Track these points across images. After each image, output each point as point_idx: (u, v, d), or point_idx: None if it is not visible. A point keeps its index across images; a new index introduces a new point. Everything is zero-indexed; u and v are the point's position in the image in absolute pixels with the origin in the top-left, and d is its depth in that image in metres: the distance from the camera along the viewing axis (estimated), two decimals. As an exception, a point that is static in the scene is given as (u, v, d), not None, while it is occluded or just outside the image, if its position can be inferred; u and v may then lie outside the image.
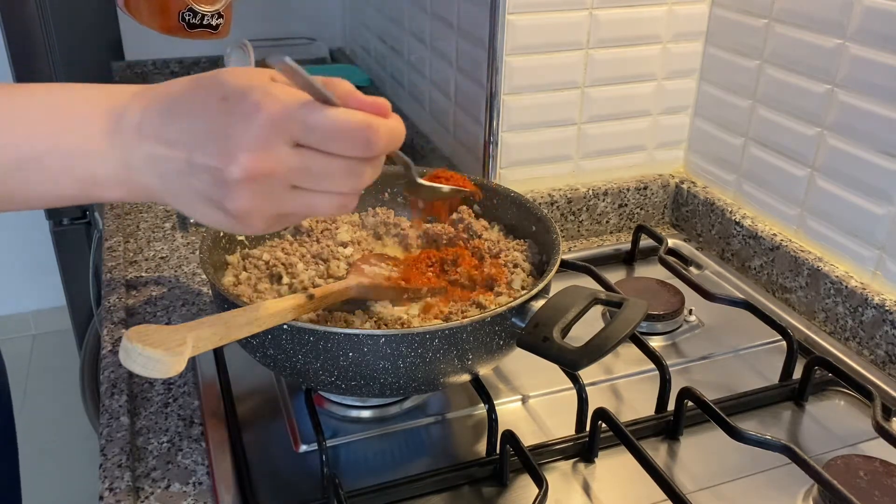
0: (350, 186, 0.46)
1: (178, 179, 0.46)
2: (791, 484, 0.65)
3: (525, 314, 0.62)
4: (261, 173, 0.44)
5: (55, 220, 1.77)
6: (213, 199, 0.45)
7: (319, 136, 0.44)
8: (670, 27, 0.98)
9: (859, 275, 0.83)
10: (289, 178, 0.45)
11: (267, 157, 0.43)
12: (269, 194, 0.45)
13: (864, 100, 0.80)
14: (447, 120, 1.12)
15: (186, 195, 0.47)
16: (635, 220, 1.07)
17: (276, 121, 0.43)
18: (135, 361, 0.48)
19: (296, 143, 0.44)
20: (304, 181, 0.45)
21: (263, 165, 0.43)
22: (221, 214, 0.46)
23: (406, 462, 0.67)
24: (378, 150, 0.45)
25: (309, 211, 0.47)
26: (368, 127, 0.44)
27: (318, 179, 0.45)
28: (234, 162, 0.43)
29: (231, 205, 0.45)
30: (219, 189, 0.45)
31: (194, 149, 0.45)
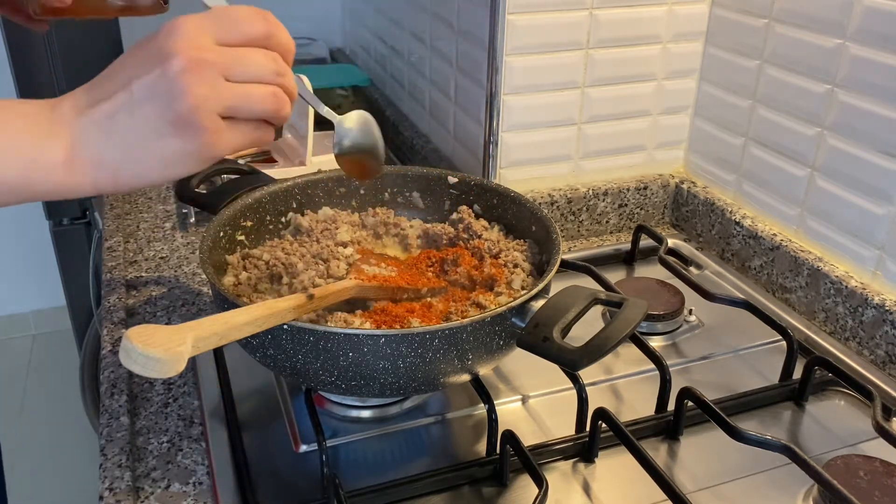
0: (272, 69, 0.52)
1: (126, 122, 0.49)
2: (791, 484, 0.65)
3: (525, 314, 0.62)
4: (198, 60, 0.48)
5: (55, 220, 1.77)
6: (163, 115, 0.49)
7: (232, 23, 0.50)
8: (670, 27, 0.98)
9: (859, 275, 0.83)
10: (222, 67, 0.50)
11: (198, 47, 0.49)
12: (210, 84, 0.49)
13: (864, 100, 0.80)
14: (447, 120, 1.12)
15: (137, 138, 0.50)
16: (635, 220, 1.07)
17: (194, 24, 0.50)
18: (135, 361, 0.48)
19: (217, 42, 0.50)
20: (234, 70, 0.50)
21: (198, 54, 0.49)
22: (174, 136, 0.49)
23: (406, 462, 0.67)
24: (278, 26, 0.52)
25: (247, 99, 0.51)
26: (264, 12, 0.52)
27: (245, 66, 0.51)
28: (171, 58, 0.48)
29: (181, 103, 0.48)
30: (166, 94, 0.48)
31: (131, 80, 0.49)
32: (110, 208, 1.08)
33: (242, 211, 0.77)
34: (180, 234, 1.01)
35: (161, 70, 0.48)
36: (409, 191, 0.86)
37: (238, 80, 0.51)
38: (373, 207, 0.84)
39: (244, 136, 0.53)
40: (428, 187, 0.85)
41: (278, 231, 0.81)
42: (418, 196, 0.86)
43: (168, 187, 1.15)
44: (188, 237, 1.01)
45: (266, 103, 0.52)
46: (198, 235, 1.01)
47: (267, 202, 0.80)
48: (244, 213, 0.78)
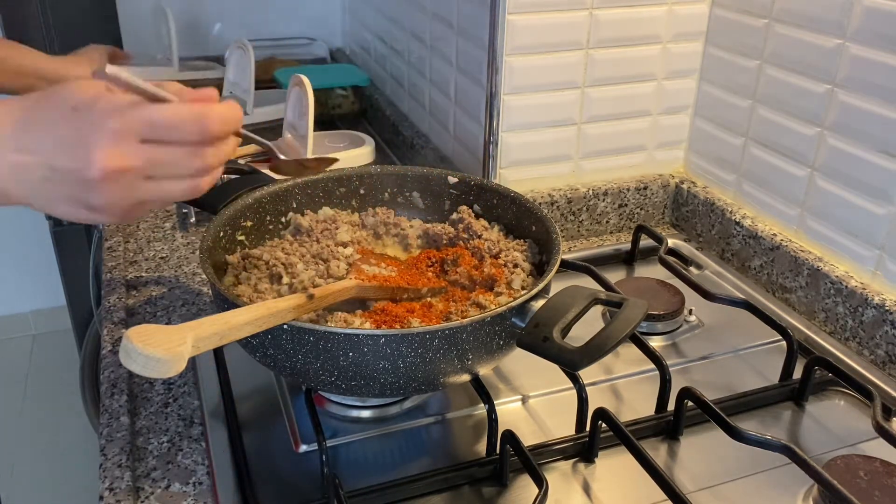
0: (196, 168, 0.53)
1: (41, 184, 0.51)
2: (791, 484, 0.65)
3: (525, 314, 0.62)
4: (117, 170, 0.50)
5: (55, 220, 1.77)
6: (76, 198, 0.51)
7: (161, 129, 0.51)
8: (670, 27, 0.98)
9: (859, 275, 0.83)
10: (142, 170, 0.51)
11: (120, 156, 0.50)
12: (126, 188, 0.51)
13: (864, 100, 0.80)
14: (447, 120, 1.12)
15: (48, 197, 0.52)
16: (635, 220, 1.07)
17: (122, 124, 0.50)
18: (135, 361, 0.48)
19: (142, 140, 0.51)
20: (155, 171, 0.52)
21: (118, 163, 0.50)
22: (84, 211, 0.52)
23: (406, 462, 0.67)
24: (213, 132, 0.52)
25: (164, 196, 0.53)
26: (201, 115, 0.52)
27: (166, 167, 0.52)
28: (92, 165, 0.49)
29: (94, 201, 0.51)
30: (81, 189, 0.51)
31: (54, 156, 0.50)
32: (110, 208, 1.08)
33: (242, 211, 0.77)
34: (180, 234, 1.01)
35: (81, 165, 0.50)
36: (409, 191, 0.86)
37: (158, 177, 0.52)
38: (373, 207, 0.84)
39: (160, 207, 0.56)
40: (428, 187, 0.85)
41: (278, 231, 0.81)
42: (418, 196, 0.86)
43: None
44: (188, 237, 1.01)
45: (182, 196, 0.54)
46: (198, 235, 1.01)
47: (267, 202, 0.80)
48: (244, 213, 0.78)
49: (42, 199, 0.53)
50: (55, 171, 0.51)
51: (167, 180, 0.53)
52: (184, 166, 0.53)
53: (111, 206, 0.52)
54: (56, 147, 0.50)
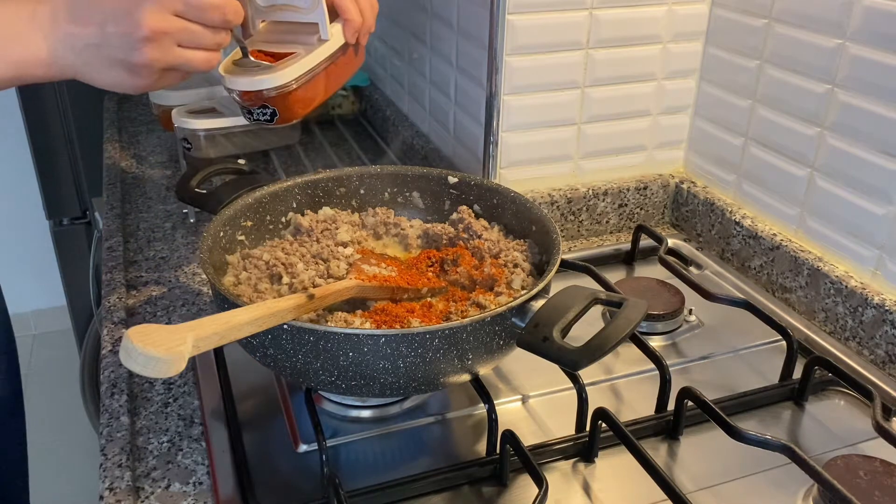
0: (214, 43, 0.68)
1: (92, 50, 0.65)
2: (791, 484, 0.65)
3: (525, 314, 0.62)
4: (160, 31, 0.64)
5: (55, 220, 1.77)
6: (121, 60, 0.65)
7: (193, 9, 0.65)
8: (670, 27, 0.98)
9: (859, 275, 0.83)
10: (176, 36, 0.65)
11: (163, 21, 0.64)
12: (163, 49, 0.65)
13: (864, 100, 0.80)
14: (447, 120, 1.12)
15: (95, 63, 0.65)
16: (635, 220, 1.07)
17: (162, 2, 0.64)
18: (135, 361, 0.48)
19: (177, 14, 0.65)
20: (185, 40, 0.66)
21: (161, 26, 0.64)
22: (124, 72, 0.66)
23: (406, 462, 0.67)
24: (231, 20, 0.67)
25: (188, 63, 0.67)
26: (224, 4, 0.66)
27: (194, 38, 0.66)
28: (141, 26, 0.63)
29: (137, 58, 0.64)
30: (128, 48, 0.64)
31: (106, 23, 0.64)
32: (110, 208, 1.08)
33: (242, 211, 0.77)
34: (180, 234, 1.01)
35: (130, 29, 0.63)
36: (409, 191, 0.86)
37: (186, 46, 0.66)
38: (373, 207, 0.84)
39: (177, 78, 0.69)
40: (428, 187, 0.85)
41: (278, 231, 0.81)
42: (418, 196, 0.86)
43: (168, 187, 1.15)
44: (188, 237, 1.01)
45: (201, 66, 0.68)
46: (198, 235, 1.01)
47: (267, 202, 0.80)
48: (244, 213, 0.78)
49: (89, 65, 0.65)
50: (106, 35, 0.64)
51: (191, 50, 0.67)
52: (207, 39, 0.67)
53: (149, 65, 0.65)
54: (107, 16, 0.63)
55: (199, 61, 0.67)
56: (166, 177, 1.18)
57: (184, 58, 0.66)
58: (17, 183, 2.24)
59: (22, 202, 2.28)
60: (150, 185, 1.15)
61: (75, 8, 0.64)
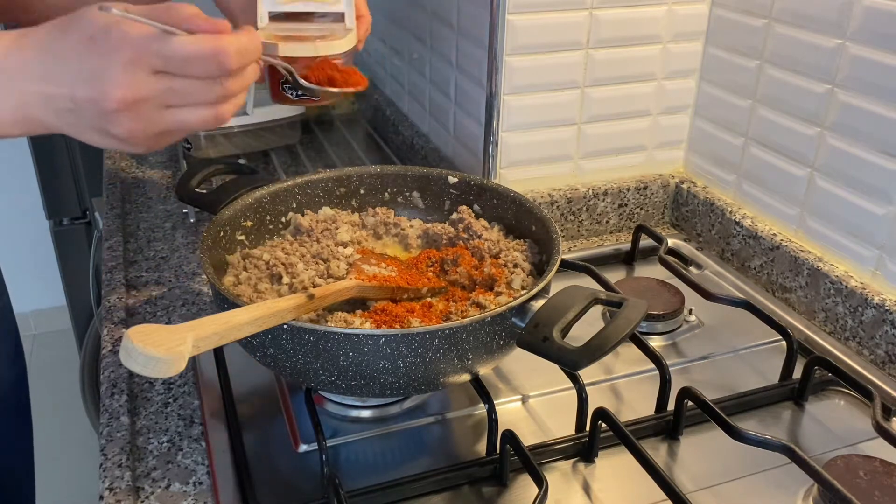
0: (216, 96, 0.53)
1: (69, 115, 0.53)
2: (791, 484, 0.65)
3: (525, 314, 0.62)
4: (132, 100, 0.51)
5: (55, 220, 1.77)
6: (100, 128, 0.53)
7: (176, 63, 0.51)
8: (670, 27, 0.98)
9: (859, 275, 0.83)
10: (158, 100, 0.52)
11: (134, 87, 0.51)
12: (144, 117, 0.52)
13: (864, 100, 0.80)
14: (447, 120, 1.12)
15: (78, 126, 0.54)
16: (635, 220, 1.07)
17: (134, 55, 0.50)
18: (135, 361, 0.48)
19: (157, 71, 0.51)
20: (172, 100, 0.53)
21: (132, 94, 0.51)
22: (112, 140, 0.54)
23: (406, 462, 0.67)
24: (231, 67, 0.52)
25: (184, 125, 0.54)
26: (217, 51, 0.51)
27: (183, 97, 0.53)
28: (108, 95, 0.51)
29: (115, 130, 0.52)
30: (102, 118, 0.52)
31: (74, 86, 0.51)
32: (110, 208, 1.08)
33: (242, 211, 0.77)
34: (180, 234, 1.01)
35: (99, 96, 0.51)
36: (409, 191, 0.86)
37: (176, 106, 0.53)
38: (373, 207, 0.84)
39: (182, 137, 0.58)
40: (428, 187, 0.85)
41: (278, 231, 0.81)
42: (418, 196, 0.86)
43: (168, 187, 1.15)
44: (188, 237, 1.01)
45: (204, 125, 0.55)
46: (198, 235, 1.01)
47: (267, 202, 0.80)
48: (244, 213, 0.78)
49: (72, 127, 0.54)
50: (77, 101, 0.52)
51: (186, 108, 0.53)
52: (202, 95, 0.53)
53: (133, 136, 0.53)
54: (76, 78, 0.51)
55: (197, 121, 0.54)
56: (166, 177, 1.18)
57: (177, 120, 0.54)
58: (17, 183, 2.24)
59: (22, 202, 2.28)
60: (150, 185, 1.15)
61: (46, 60, 0.52)
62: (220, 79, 0.53)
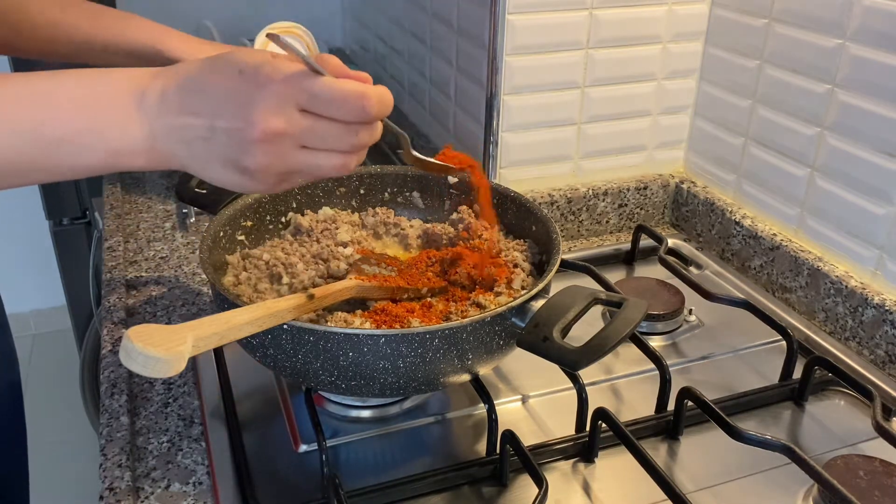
0: (349, 145, 0.53)
1: (200, 144, 0.52)
2: (791, 484, 0.65)
3: (525, 314, 0.62)
4: (276, 133, 0.51)
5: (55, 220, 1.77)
6: (232, 159, 0.52)
7: (322, 102, 0.51)
8: (670, 27, 0.98)
9: (859, 275, 0.83)
10: (298, 138, 0.52)
11: (280, 119, 0.51)
12: (281, 153, 0.52)
13: (864, 100, 0.80)
14: (447, 120, 1.12)
15: (206, 157, 0.53)
16: (635, 220, 1.07)
17: (286, 90, 0.51)
18: (135, 361, 0.48)
19: (302, 109, 0.51)
20: (310, 141, 0.52)
21: (278, 126, 0.51)
22: (237, 174, 0.53)
23: (406, 462, 0.67)
24: (372, 113, 0.52)
25: (314, 168, 0.54)
26: (362, 95, 0.51)
27: (322, 139, 0.52)
28: (253, 124, 0.50)
29: (248, 162, 0.52)
30: (238, 149, 0.51)
31: (216, 116, 0.51)
32: (110, 208, 1.08)
33: (242, 211, 0.77)
34: (180, 234, 1.01)
35: (242, 126, 0.51)
36: (409, 191, 0.86)
37: (312, 147, 0.53)
38: (373, 207, 0.84)
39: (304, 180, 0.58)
40: (428, 187, 0.85)
41: (278, 231, 0.81)
42: (418, 196, 0.86)
43: (168, 187, 1.15)
44: (188, 237, 1.01)
45: (332, 172, 0.54)
46: (198, 235, 1.01)
47: (267, 202, 0.80)
48: (244, 213, 0.78)
49: (199, 159, 0.53)
50: (215, 130, 0.51)
51: (321, 152, 0.53)
52: (338, 140, 0.53)
53: (264, 170, 0.52)
54: (219, 107, 0.51)
55: (329, 167, 0.54)
56: (166, 177, 1.18)
57: (309, 162, 0.53)
58: (17, 183, 2.24)
59: (22, 202, 2.28)
60: (150, 185, 1.15)
61: (187, 93, 0.52)
62: (357, 127, 0.53)
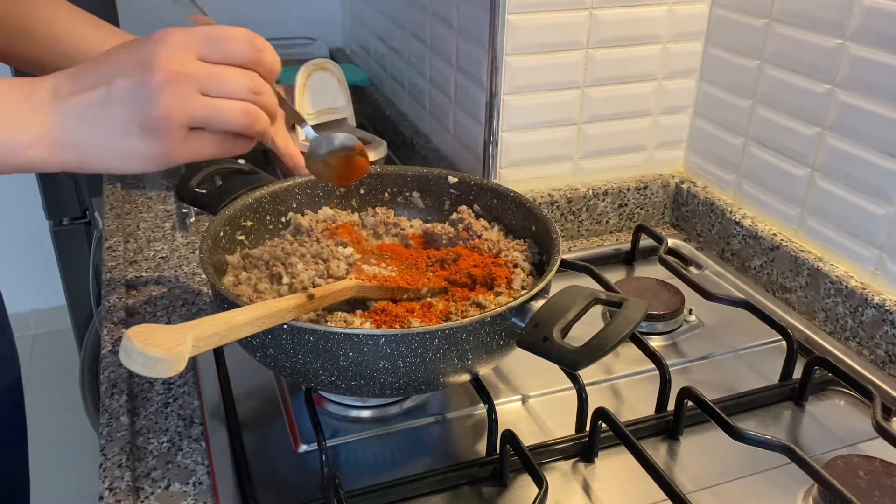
0: (248, 89, 0.55)
1: (99, 113, 0.53)
2: (791, 484, 0.65)
3: (525, 314, 0.62)
4: (176, 74, 0.52)
5: (55, 220, 1.77)
6: (135, 117, 0.52)
7: (216, 43, 0.54)
8: (670, 27, 0.98)
9: (859, 275, 0.83)
10: (198, 83, 0.53)
11: (180, 62, 0.52)
12: (183, 97, 0.52)
13: (864, 100, 0.80)
14: (447, 120, 1.12)
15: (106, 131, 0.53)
16: (635, 220, 1.07)
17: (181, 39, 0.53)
18: (135, 361, 0.48)
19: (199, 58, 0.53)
20: (210, 86, 0.54)
21: (178, 69, 0.52)
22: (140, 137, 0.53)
23: (406, 462, 0.67)
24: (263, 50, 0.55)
25: (217, 113, 0.54)
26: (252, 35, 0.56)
27: (221, 84, 0.54)
28: (153, 70, 0.52)
29: (152, 111, 0.52)
30: (141, 101, 0.52)
31: (112, 78, 0.53)
32: (110, 208, 1.08)
33: (242, 211, 0.77)
34: (180, 234, 1.01)
35: (142, 77, 0.52)
36: (409, 191, 0.86)
37: (213, 94, 0.54)
38: (373, 207, 0.84)
39: (211, 146, 0.56)
40: (428, 187, 0.85)
41: (278, 231, 0.81)
42: (418, 196, 0.86)
43: (168, 187, 1.15)
44: (188, 237, 1.01)
45: (236, 118, 0.55)
46: (198, 235, 1.01)
47: (267, 202, 0.80)
48: (244, 213, 0.78)
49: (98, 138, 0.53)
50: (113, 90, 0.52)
51: (220, 99, 0.54)
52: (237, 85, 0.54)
53: (167, 119, 0.52)
54: (115, 70, 0.53)
55: (234, 113, 0.54)
56: (166, 177, 1.18)
57: (212, 107, 0.54)
58: (17, 183, 2.23)
59: (22, 202, 2.28)
60: (150, 185, 1.15)
61: (79, 75, 0.54)
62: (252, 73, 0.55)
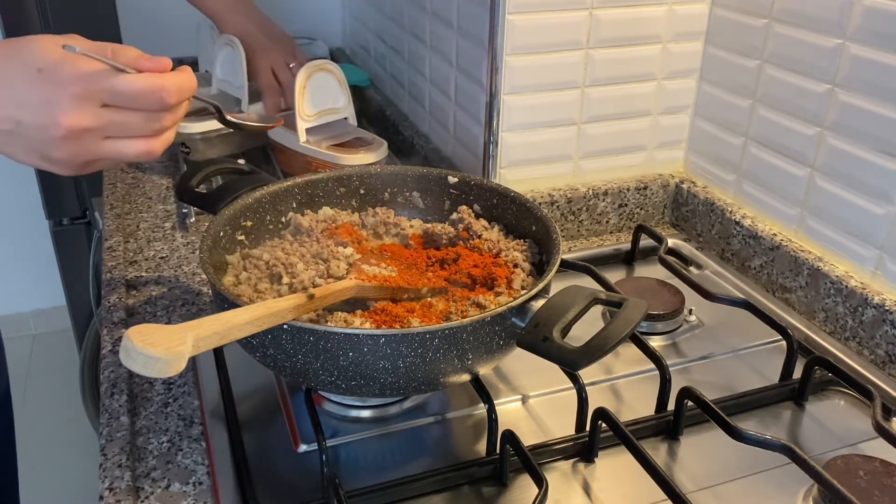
0: (152, 130, 0.59)
1: (6, 135, 0.57)
2: (791, 484, 0.65)
3: (525, 314, 0.62)
4: (78, 130, 0.56)
5: (55, 220, 1.77)
6: (38, 151, 0.58)
7: (122, 98, 0.57)
8: (670, 27, 0.98)
9: (859, 275, 0.83)
10: (102, 131, 0.57)
11: (83, 116, 0.56)
12: (85, 146, 0.57)
13: (864, 100, 0.80)
14: (447, 120, 1.12)
15: (13, 148, 0.58)
16: (635, 220, 1.07)
17: (87, 89, 0.56)
18: (135, 361, 0.48)
19: (103, 104, 0.57)
20: (113, 132, 0.58)
21: (80, 124, 0.56)
22: (42, 162, 0.59)
23: (406, 462, 0.67)
24: (171, 102, 0.58)
25: (118, 155, 0.59)
26: (160, 87, 0.57)
27: (124, 129, 0.58)
28: (58, 124, 0.55)
29: (55, 154, 0.57)
30: (44, 144, 0.57)
31: (20, 109, 0.56)
32: (110, 208, 1.08)
33: (242, 211, 0.77)
34: (180, 234, 1.01)
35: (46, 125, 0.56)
36: (409, 191, 0.86)
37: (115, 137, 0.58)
38: (373, 207, 0.84)
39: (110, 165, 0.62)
40: (428, 187, 0.85)
41: (278, 231, 0.81)
42: (418, 196, 0.86)
43: (168, 187, 1.15)
44: (188, 237, 1.01)
45: (136, 156, 0.60)
46: (198, 235, 1.01)
47: (267, 202, 0.80)
48: (244, 213, 0.78)
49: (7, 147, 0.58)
50: (21, 125, 0.56)
51: (123, 140, 0.59)
52: (141, 128, 0.59)
53: (69, 160, 0.58)
54: (22, 103, 0.56)
55: (131, 152, 0.59)
56: (166, 177, 1.18)
57: (113, 150, 0.59)
58: (17, 183, 2.24)
59: (22, 202, 2.28)
60: (150, 185, 1.15)
61: None
62: (159, 115, 0.59)
